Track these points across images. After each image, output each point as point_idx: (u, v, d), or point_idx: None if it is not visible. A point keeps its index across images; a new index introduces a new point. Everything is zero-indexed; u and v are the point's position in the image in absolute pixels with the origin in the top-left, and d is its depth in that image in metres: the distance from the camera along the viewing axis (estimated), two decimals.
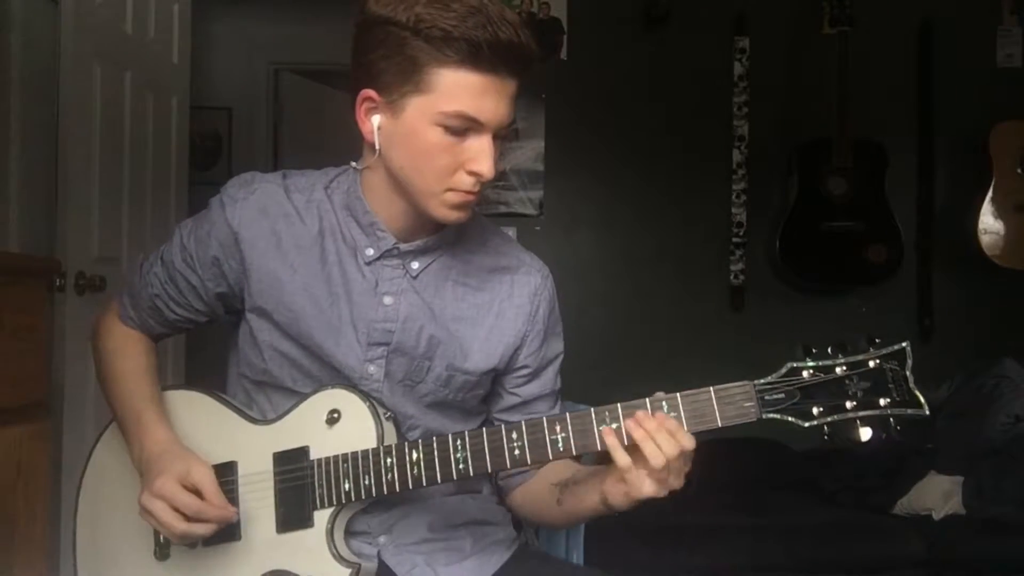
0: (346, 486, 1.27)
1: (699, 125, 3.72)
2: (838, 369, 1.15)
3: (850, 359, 1.15)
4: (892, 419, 1.14)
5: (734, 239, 3.67)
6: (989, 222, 3.52)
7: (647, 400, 1.17)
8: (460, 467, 1.22)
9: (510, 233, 2.65)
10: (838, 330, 1.25)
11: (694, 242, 3.73)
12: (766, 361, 1.17)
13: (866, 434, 1.14)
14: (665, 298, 3.71)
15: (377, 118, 1.24)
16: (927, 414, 1.14)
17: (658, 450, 1.13)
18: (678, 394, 1.17)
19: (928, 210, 3.72)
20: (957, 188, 3.69)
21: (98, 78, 2.71)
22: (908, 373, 1.14)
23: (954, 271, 3.71)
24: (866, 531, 2.80)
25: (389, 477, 1.25)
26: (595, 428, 1.18)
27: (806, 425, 1.15)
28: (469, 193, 1.24)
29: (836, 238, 3.51)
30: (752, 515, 2.92)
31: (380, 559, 1.35)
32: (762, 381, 1.15)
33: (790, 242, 3.55)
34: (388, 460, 1.25)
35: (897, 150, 3.58)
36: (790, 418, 1.15)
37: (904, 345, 1.15)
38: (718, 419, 1.15)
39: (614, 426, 1.17)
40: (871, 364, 1.14)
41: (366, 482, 1.26)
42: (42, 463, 1.81)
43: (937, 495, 2.90)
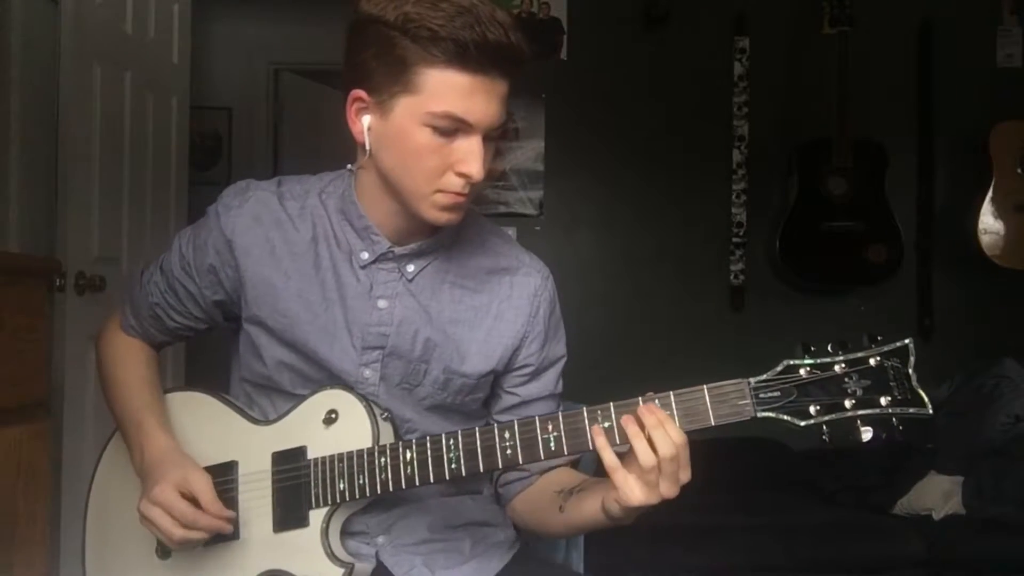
0: (341, 486, 1.27)
1: (699, 125, 3.72)
2: (837, 367, 1.11)
3: (849, 356, 1.11)
4: (894, 418, 1.10)
5: (734, 239, 3.67)
6: (989, 222, 3.52)
7: (640, 399, 1.15)
8: (453, 467, 1.21)
9: (510, 233, 2.64)
10: (838, 330, 1.22)
11: (694, 242, 3.72)
12: (766, 361, 1.14)
13: (867, 434, 1.10)
14: (665, 298, 3.71)
15: (367, 118, 1.23)
16: (931, 413, 1.09)
17: (649, 449, 1.11)
18: (671, 392, 1.15)
19: (928, 210, 3.72)
20: (957, 188, 3.69)
21: (98, 78, 2.71)
22: (910, 371, 1.10)
23: (954, 271, 3.71)
24: (866, 531, 2.79)
25: (383, 477, 1.24)
26: (587, 428, 1.16)
27: (802, 424, 1.11)
28: (459, 195, 1.23)
29: (836, 238, 3.50)
30: (751, 515, 2.92)
31: (378, 559, 1.34)
32: (757, 379, 1.12)
33: (790, 242, 3.54)
34: (382, 460, 1.25)
35: (897, 150, 3.57)
36: (786, 417, 1.11)
37: (907, 342, 1.11)
38: (711, 417, 1.12)
39: (606, 425, 1.15)
40: (871, 362, 1.10)
41: (360, 482, 1.26)
42: (42, 463, 1.80)
43: (937, 495, 2.90)
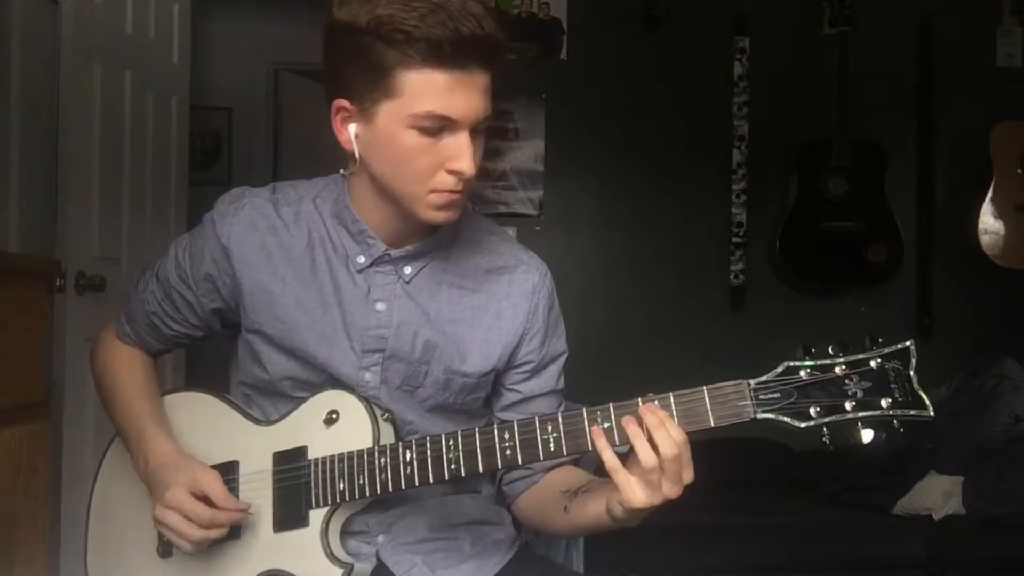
0: (341, 486, 1.27)
1: (699, 125, 3.72)
2: (837, 368, 1.10)
3: (850, 358, 1.10)
4: (895, 420, 1.09)
5: (734, 239, 3.66)
6: (989, 222, 3.52)
7: (639, 400, 1.15)
8: (452, 467, 1.21)
9: (510, 233, 2.64)
10: (838, 330, 1.21)
11: (694, 242, 3.72)
12: (766, 361, 1.14)
13: (867, 436, 1.09)
14: (665, 298, 3.71)
15: (353, 126, 1.23)
16: (932, 415, 1.09)
17: (650, 449, 1.11)
18: (671, 394, 1.14)
19: (928, 210, 3.71)
20: (957, 188, 3.68)
21: (98, 78, 2.71)
22: (912, 373, 1.10)
23: (954, 271, 3.70)
24: (866, 531, 2.79)
25: (383, 477, 1.24)
26: (587, 428, 1.16)
27: (802, 426, 1.10)
28: (453, 192, 1.22)
29: (836, 238, 3.50)
30: (752, 515, 2.92)
31: (379, 559, 1.34)
32: (757, 380, 1.12)
33: (790, 242, 3.54)
34: (382, 460, 1.25)
35: (897, 150, 3.57)
36: (786, 418, 1.10)
37: (908, 344, 1.11)
38: (711, 419, 1.12)
39: (605, 426, 1.15)
40: (872, 363, 1.10)
41: (360, 482, 1.26)
42: (42, 463, 1.80)
43: (937, 495, 2.90)
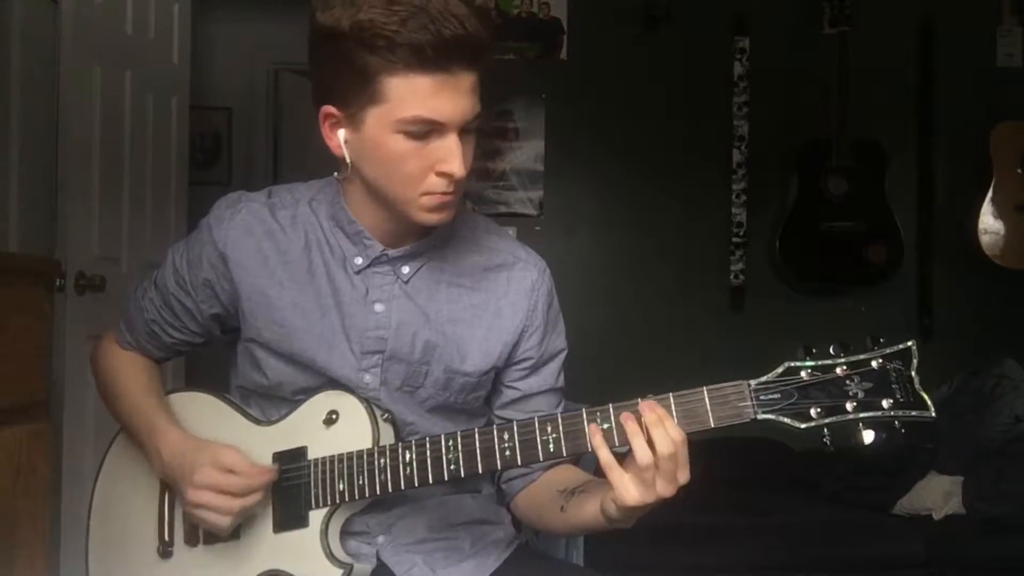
0: (340, 486, 1.27)
1: (699, 125, 3.71)
2: (838, 369, 1.10)
3: (851, 359, 1.10)
4: (896, 421, 1.09)
5: (734, 239, 3.66)
6: (989, 222, 3.52)
7: (639, 401, 1.15)
8: (452, 468, 1.21)
9: (510, 233, 2.64)
10: (838, 330, 1.20)
11: (694, 242, 3.72)
12: (766, 361, 1.14)
13: (869, 436, 1.09)
14: (665, 298, 3.70)
15: (342, 132, 1.23)
16: (933, 416, 1.08)
17: (646, 446, 1.10)
18: (670, 394, 1.14)
19: (928, 210, 3.71)
20: (957, 188, 3.68)
21: (98, 78, 2.71)
22: (913, 373, 1.10)
23: (954, 271, 3.70)
24: (866, 531, 2.79)
25: (383, 477, 1.25)
26: (586, 429, 1.16)
27: (803, 427, 1.10)
28: (445, 194, 1.22)
29: (836, 238, 3.50)
30: (752, 515, 2.91)
31: (379, 559, 1.35)
32: (757, 381, 1.12)
33: (790, 242, 3.54)
34: (382, 461, 1.25)
35: (897, 150, 3.57)
36: (786, 419, 1.10)
37: (910, 344, 1.11)
38: (711, 419, 1.12)
39: (605, 427, 1.15)
40: (874, 364, 1.09)
41: (360, 482, 1.26)
42: (42, 463, 1.80)
43: (937, 495, 2.90)
